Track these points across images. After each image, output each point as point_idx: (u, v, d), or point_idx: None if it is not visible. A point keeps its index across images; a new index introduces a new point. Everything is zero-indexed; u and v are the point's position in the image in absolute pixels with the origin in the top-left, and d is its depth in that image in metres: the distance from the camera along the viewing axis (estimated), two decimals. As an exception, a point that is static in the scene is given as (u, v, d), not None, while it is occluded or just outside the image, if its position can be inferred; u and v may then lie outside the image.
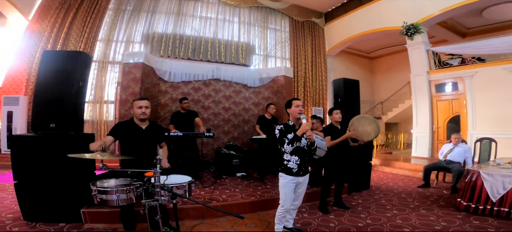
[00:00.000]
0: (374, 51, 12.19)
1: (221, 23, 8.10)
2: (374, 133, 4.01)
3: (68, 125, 3.55)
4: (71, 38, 7.08)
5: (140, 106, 2.74)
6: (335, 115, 3.92)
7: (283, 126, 2.72)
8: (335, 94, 5.72)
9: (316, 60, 9.92)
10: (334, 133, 3.83)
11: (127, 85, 5.34)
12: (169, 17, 7.61)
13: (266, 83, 6.84)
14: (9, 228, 2.97)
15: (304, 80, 9.70)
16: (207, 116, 6.41)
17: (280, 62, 9.13)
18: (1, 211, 3.47)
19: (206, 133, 4.64)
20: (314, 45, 9.80)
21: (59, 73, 3.57)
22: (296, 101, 2.77)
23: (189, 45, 7.62)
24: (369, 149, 5.45)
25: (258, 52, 8.76)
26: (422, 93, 7.95)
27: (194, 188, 4.30)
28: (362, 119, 4.05)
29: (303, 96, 9.63)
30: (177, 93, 6.06)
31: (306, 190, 2.89)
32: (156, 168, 2.07)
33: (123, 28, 7.38)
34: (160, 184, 2.07)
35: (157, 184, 2.05)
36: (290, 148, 2.58)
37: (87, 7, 7.02)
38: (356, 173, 4.92)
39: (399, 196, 4.72)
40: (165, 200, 2.11)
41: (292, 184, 2.68)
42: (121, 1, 7.38)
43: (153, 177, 2.07)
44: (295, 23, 9.41)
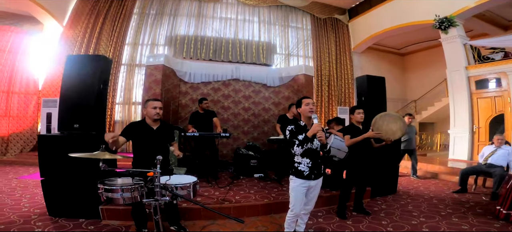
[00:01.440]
0: (405, 47, 11.44)
1: (241, 23, 8.10)
2: (400, 132, 3.67)
3: (90, 126, 3.71)
4: (101, 43, 7.51)
5: (155, 107, 2.82)
6: (357, 115, 3.65)
7: (293, 126, 2.56)
8: (358, 93, 5.41)
9: (341, 57, 9.54)
10: (355, 133, 3.57)
11: (149, 87, 5.51)
12: (190, 19, 7.77)
13: (286, 82, 6.69)
14: (33, 223, 3.17)
15: (329, 78, 9.38)
16: (227, 116, 6.42)
17: (302, 61, 8.91)
18: (31, 206, 3.73)
19: (223, 134, 4.62)
20: (338, 42, 9.43)
21: (82, 76, 3.76)
22: (307, 99, 2.60)
23: (210, 46, 7.71)
24: (397, 150, 5.07)
25: (279, 51, 8.62)
26: (460, 90, 7.28)
27: (210, 188, 4.30)
28: (386, 117, 3.72)
29: (327, 95, 9.32)
30: (197, 94, 6.14)
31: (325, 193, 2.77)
32: (155, 168, 2.05)
33: (147, 32, 7.67)
34: (159, 184, 2.05)
35: (156, 184, 2.04)
36: (300, 150, 2.44)
37: (114, 12, 7.40)
38: (381, 176, 4.60)
39: (430, 202, 4.33)
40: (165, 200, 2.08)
41: (302, 188, 2.54)
42: (145, 5, 7.67)
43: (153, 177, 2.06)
44: (317, 21, 9.12)
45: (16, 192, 4.38)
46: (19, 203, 3.86)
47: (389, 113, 3.85)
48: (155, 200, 2.06)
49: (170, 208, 2.96)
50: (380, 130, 3.61)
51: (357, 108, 3.75)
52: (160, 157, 2.07)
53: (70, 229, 3.08)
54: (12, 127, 7.62)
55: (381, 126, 3.66)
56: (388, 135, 3.63)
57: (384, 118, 3.70)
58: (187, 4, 7.83)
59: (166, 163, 2.86)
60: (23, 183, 4.93)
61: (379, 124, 3.67)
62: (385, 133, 3.63)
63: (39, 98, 7.71)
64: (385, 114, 3.78)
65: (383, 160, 4.63)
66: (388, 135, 3.63)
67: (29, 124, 7.93)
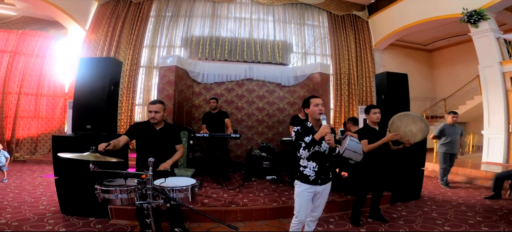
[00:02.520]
0: (432, 43, 10.73)
1: (255, 22, 7.99)
2: (421, 133, 3.35)
3: (102, 126, 3.78)
4: (121, 46, 7.74)
5: (150, 111, 2.76)
6: (373, 115, 3.36)
7: (300, 127, 2.38)
8: (378, 91, 5.09)
9: (361, 55, 9.14)
10: (371, 135, 3.30)
11: (162, 88, 5.57)
12: (204, 20, 7.80)
13: (301, 82, 6.47)
14: (45, 220, 3.25)
15: (348, 77, 9.02)
16: (241, 117, 6.34)
17: (320, 59, 8.63)
18: (48, 204, 3.86)
19: (233, 135, 4.54)
20: (357, 39, 9.04)
21: (93, 78, 3.84)
22: (315, 99, 2.39)
23: (225, 46, 7.69)
24: (422, 152, 4.68)
25: (295, 50, 8.41)
26: (494, 87, 6.68)
27: (220, 189, 4.23)
28: (405, 117, 3.40)
29: (347, 94, 8.97)
30: (211, 94, 6.11)
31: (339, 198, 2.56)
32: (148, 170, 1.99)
33: (164, 34, 7.80)
34: (151, 186, 1.98)
35: (148, 186, 1.98)
36: (306, 153, 2.25)
37: (132, 16, 7.60)
38: (403, 180, 4.27)
39: (457, 208, 3.95)
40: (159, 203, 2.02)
41: (308, 193, 2.35)
42: (161, 8, 7.81)
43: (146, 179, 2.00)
44: (334, 18, 8.80)
45: (38, 190, 4.58)
46: (38, 201, 4.01)
47: (409, 113, 3.52)
48: (147, 202, 2.00)
49: (173, 210, 2.90)
50: (399, 132, 3.31)
51: (373, 107, 3.46)
52: (152, 159, 2.01)
53: (79, 228, 3.13)
54: (41, 128, 8.06)
55: (399, 128, 3.36)
56: (408, 137, 3.32)
57: (403, 119, 3.39)
58: (201, 5, 7.87)
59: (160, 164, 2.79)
60: (46, 182, 5.16)
61: (397, 126, 3.37)
62: (403, 134, 3.32)
63: (66, 100, 8.09)
64: (404, 114, 3.46)
65: (406, 163, 4.30)
66: (408, 137, 3.32)
67: (57, 125, 8.36)
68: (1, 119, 7.49)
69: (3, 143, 7.50)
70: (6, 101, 7.55)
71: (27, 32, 7.60)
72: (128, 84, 7.89)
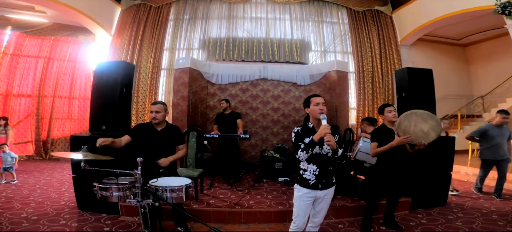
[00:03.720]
0: (466, 37, 9.86)
1: (271, 22, 7.89)
2: (434, 132, 3.02)
3: (115, 127, 3.93)
4: (143, 49, 8.04)
5: (152, 111, 2.83)
6: (388, 114, 3.13)
7: (300, 128, 2.29)
8: (398, 88, 4.77)
9: (386, 52, 8.64)
10: (386, 137, 3.05)
11: (177, 89, 5.69)
12: (221, 22, 7.85)
13: (318, 80, 6.27)
14: (62, 216, 3.45)
15: (372, 75, 8.57)
16: (256, 117, 6.28)
17: (341, 57, 8.31)
18: (68, 200, 4.10)
19: (242, 135, 4.50)
20: (381, 35, 8.56)
21: (108, 81, 4.01)
22: (316, 98, 2.27)
23: (242, 47, 7.68)
24: (449, 155, 4.28)
25: (314, 48, 8.17)
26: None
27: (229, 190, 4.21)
28: (413, 116, 3.05)
29: (371, 93, 8.53)
30: (225, 95, 6.13)
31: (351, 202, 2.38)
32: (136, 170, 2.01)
33: (183, 36, 7.97)
34: (140, 185, 2.00)
35: (137, 185, 2.00)
36: (305, 155, 2.12)
37: (152, 20, 7.88)
38: (425, 185, 3.95)
39: (487, 217, 3.58)
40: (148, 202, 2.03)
41: (307, 198, 2.22)
42: (179, 11, 7.99)
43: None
44: (354, 14, 8.41)
45: (63, 187, 4.88)
46: (60, 197, 4.27)
47: (417, 111, 3.13)
48: (136, 201, 2.03)
49: (176, 210, 2.93)
50: (408, 133, 2.98)
51: (387, 106, 3.23)
52: (140, 159, 2.02)
53: (90, 223, 3.27)
54: (74, 129, 8.62)
55: (408, 128, 3.01)
56: (419, 138, 2.98)
57: (411, 118, 3.05)
58: (217, 6, 7.94)
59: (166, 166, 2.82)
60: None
61: (405, 126, 3.02)
62: (414, 135, 2.99)
63: (94, 103, 8.57)
64: (411, 113, 3.09)
65: (429, 166, 3.97)
66: (419, 138, 2.98)
67: (87, 125, 8.88)
68: (38, 120, 8.12)
69: (39, 143, 8.17)
70: (42, 104, 8.16)
71: (59, 38, 8.18)
72: (151, 86, 8.16)
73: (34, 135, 8.09)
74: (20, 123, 7.99)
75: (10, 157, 5.18)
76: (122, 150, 2.84)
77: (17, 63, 7.70)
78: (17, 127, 7.95)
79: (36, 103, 8.09)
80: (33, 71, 8.02)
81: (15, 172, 5.24)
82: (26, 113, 8.08)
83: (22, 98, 7.99)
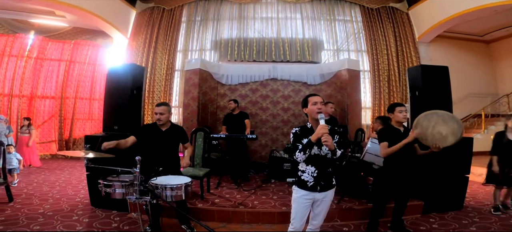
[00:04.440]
0: (490, 33, 9.31)
1: (282, 21, 7.85)
2: (453, 137, 2.81)
3: (126, 127, 4.07)
4: (158, 51, 8.26)
5: (156, 112, 2.91)
6: (398, 114, 2.97)
7: (299, 129, 2.22)
8: (411, 86, 4.58)
9: (403, 49, 8.36)
10: (393, 137, 2.92)
11: (187, 90, 5.79)
12: (232, 23, 7.91)
13: (328, 79, 6.16)
14: (76, 211, 3.62)
15: (388, 73, 8.33)
16: (266, 117, 6.27)
17: (355, 56, 8.13)
18: (83, 197, 4.28)
19: (249, 136, 4.52)
20: (397, 33, 8.29)
21: (119, 83, 4.16)
22: (313, 97, 2.21)
23: (253, 47, 7.70)
24: (466, 157, 4.07)
25: (327, 47, 8.04)
26: None
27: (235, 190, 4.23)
28: (434, 117, 2.87)
29: (387, 92, 8.30)
30: (235, 95, 6.16)
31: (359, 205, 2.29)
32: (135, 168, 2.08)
33: (195, 38, 8.12)
34: (138, 182, 2.07)
35: (135, 182, 2.07)
36: (302, 156, 2.07)
37: (165, 22, 8.08)
38: (440, 188, 3.78)
39: (505, 222, 3.39)
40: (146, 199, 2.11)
41: (305, 200, 2.17)
42: (191, 13, 8.14)
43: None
44: (368, 11, 8.19)
45: (80, 184, 5.10)
46: (77, 194, 4.48)
47: (438, 111, 2.97)
48: (136, 198, 2.10)
49: (180, 207, 3.00)
50: (425, 134, 2.84)
51: (398, 105, 3.06)
52: (139, 157, 2.09)
53: (100, 219, 3.40)
54: (94, 129, 8.99)
55: (425, 129, 2.86)
56: (435, 140, 2.82)
57: (431, 118, 2.88)
58: (227, 8, 8.01)
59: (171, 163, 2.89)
60: (90, 177, 5.74)
61: (423, 126, 2.87)
62: (431, 137, 2.84)
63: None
64: (432, 113, 2.93)
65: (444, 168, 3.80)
66: (435, 140, 2.82)
67: (106, 126, 9.26)
68: (61, 121, 8.56)
69: (62, 142, 8.61)
70: (64, 105, 8.59)
71: (79, 42, 8.58)
72: (165, 88, 8.36)
73: (57, 135, 8.54)
74: (44, 124, 8.46)
75: (16, 159, 5.16)
76: (129, 149, 2.93)
77: (41, 66, 8.16)
78: (42, 127, 8.42)
79: (59, 105, 8.53)
80: (56, 73, 8.47)
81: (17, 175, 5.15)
82: (50, 114, 8.54)
83: (46, 99, 8.45)
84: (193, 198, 3.76)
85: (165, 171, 2.69)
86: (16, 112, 7.94)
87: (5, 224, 3.12)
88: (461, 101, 8.66)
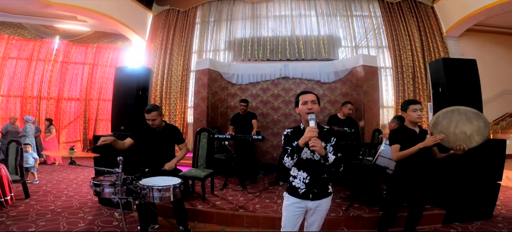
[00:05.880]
0: (528, 25, 8.36)
1: (296, 19, 7.63)
2: (479, 136, 2.45)
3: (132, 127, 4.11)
4: (174, 53, 8.40)
5: (148, 119, 2.89)
6: (412, 113, 2.60)
7: (291, 130, 2.02)
8: (433, 83, 4.19)
9: (429, 44, 7.79)
10: (407, 138, 2.59)
11: (197, 91, 5.79)
12: (245, 22, 7.83)
13: (343, 77, 5.84)
14: (83, 209, 3.71)
15: (413, 69, 7.81)
16: (277, 117, 6.10)
17: (375, 52, 7.70)
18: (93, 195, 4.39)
19: (255, 136, 4.38)
20: (421, 27, 7.75)
21: (125, 85, 4.23)
22: (304, 95, 2.00)
23: (266, 46, 7.57)
24: (498, 161, 3.62)
25: (344, 44, 7.69)
26: None
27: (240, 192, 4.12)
28: (455, 115, 2.50)
29: (412, 89, 7.80)
30: (246, 95, 6.07)
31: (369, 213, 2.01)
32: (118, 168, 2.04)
33: (209, 39, 8.15)
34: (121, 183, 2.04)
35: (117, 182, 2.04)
36: (290, 161, 1.85)
37: (181, 24, 8.19)
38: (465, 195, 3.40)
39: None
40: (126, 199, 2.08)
41: (296, 208, 1.96)
42: (204, 14, 8.18)
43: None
44: (388, 6, 7.73)
45: (95, 182, 5.27)
46: (89, 192, 4.60)
47: (460, 108, 2.56)
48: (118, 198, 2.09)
49: (176, 208, 2.95)
50: (446, 134, 2.46)
51: (412, 103, 2.66)
52: (121, 158, 2.05)
53: (104, 217, 3.45)
54: (115, 129, 9.35)
55: (446, 129, 2.49)
56: (459, 140, 2.45)
57: (453, 117, 2.50)
58: (240, 7, 7.95)
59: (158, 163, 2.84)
60: (107, 176, 5.94)
61: (444, 126, 2.50)
62: (453, 138, 2.46)
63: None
64: (453, 109, 2.54)
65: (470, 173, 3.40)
66: (459, 140, 2.45)
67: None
68: (85, 122, 8.99)
69: (86, 142, 9.03)
70: (89, 106, 9.02)
71: (101, 46, 8.97)
72: (181, 88, 8.47)
73: (82, 135, 8.98)
74: (70, 124, 8.94)
75: (32, 158, 5.27)
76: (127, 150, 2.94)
77: (66, 69, 8.63)
78: (68, 127, 8.90)
79: (83, 106, 8.97)
80: (80, 76, 8.92)
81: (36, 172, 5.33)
82: (75, 115, 9.01)
83: (72, 101, 8.93)
84: (195, 199, 3.70)
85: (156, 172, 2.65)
86: (45, 113, 8.47)
87: (14, 219, 3.25)
88: (496, 99, 7.90)
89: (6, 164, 4.24)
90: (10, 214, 3.42)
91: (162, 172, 2.71)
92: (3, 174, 3.72)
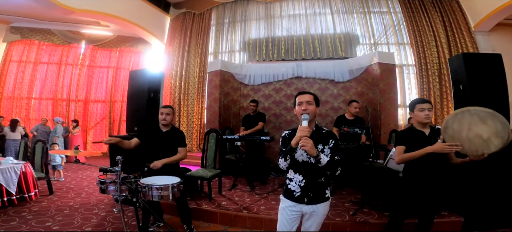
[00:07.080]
0: None
1: (311, 17, 7.47)
2: (498, 140, 2.15)
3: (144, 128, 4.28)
4: (191, 55, 8.59)
5: (162, 113, 2.98)
6: (419, 113, 2.41)
7: (289, 132, 1.99)
8: (454, 80, 3.93)
9: (456, 40, 7.30)
10: (414, 140, 2.42)
11: (210, 92, 5.88)
12: (259, 22, 7.82)
13: (358, 76, 5.63)
14: (99, 205, 3.92)
15: (439, 67, 7.37)
16: (290, 118, 6.02)
17: (396, 49, 7.36)
18: (110, 194, 4.62)
19: (263, 137, 4.37)
20: (447, 22, 7.28)
21: (138, 88, 4.42)
22: (300, 96, 1.96)
23: (281, 45, 7.51)
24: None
25: (362, 41, 7.42)
26: None
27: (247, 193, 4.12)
28: (466, 116, 2.24)
29: (438, 88, 7.38)
30: (259, 96, 6.06)
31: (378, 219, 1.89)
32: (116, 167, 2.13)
33: (224, 40, 8.24)
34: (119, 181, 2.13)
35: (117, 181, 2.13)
36: (283, 162, 1.83)
37: (197, 26, 8.36)
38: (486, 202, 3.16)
39: None
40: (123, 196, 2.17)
41: (291, 212, 1.92)
42: (219, 16, 8.28)
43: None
44: (408, 1, 7.34)
45: (114, 180, 5.53)
46: (107, 189, 4.85)
47: (470, 108, 2.29)
48: (117, 195, 2.18)
49: (180, 207, 3.01)
50: (459, 140, 2.21)
51: (420, 102, 2.46)
52: (120, 157, 2.13)
53: (115, 214, 3.61)
54: (138, 129, 9.75)
55: (458, 133, 2.23)
56: (475, 146, 2.19)
57: (463, 119, 2.24)
58: (254, 8, 7.94)
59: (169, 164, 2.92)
60: (126, 174, 6.22)
61: (455, 130, 2.25)
62: (468, 144, 2.20)
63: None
64: (462, 111, 2.28)
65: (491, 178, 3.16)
66: (475, 146, 2.19)
67: (147, 126, 9.99)
68: (110, 123, 9.46)
69: (111, 142, 9.51)
70: (113, 108, 9.49)
71: (123, 49, 9.41)
72: (198, 90, 8.64)
73: (107, 135, 9.46)
74: (96, 125, 9.46)
75: (59, 157, 5.47)
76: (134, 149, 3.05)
77: (92, 73, 9.15)
78: (94, 128, 9.44)
79: (108, 108, 9.45)
80: (105, 79, 9.42)
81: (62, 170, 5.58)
82: (101, 116, 9.52)
83: (98, 103, 9.45)
84: (202, 198, 3.76)
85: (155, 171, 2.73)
86: (73, 115, 9.03)
87: (35, 214, 3.50)
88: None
89: (32, 162, 4.58)
90: (33, 209, 3.69)
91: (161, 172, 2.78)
92: (28, 171, 4.02)
